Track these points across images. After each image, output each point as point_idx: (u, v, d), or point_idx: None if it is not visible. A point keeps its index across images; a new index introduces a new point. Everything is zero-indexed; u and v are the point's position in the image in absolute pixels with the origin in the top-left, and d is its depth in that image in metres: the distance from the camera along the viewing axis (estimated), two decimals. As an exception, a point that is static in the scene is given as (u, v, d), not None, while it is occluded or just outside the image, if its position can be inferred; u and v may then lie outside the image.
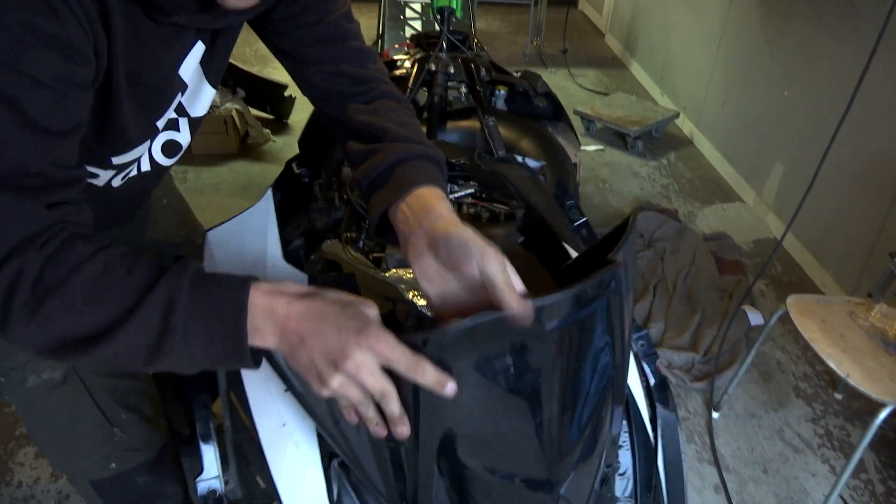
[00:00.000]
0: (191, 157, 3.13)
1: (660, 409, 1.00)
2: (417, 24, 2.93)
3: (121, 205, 1.01)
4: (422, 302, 0.97)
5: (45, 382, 0.98)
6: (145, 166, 0.92)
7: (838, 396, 2.17)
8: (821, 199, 2.54)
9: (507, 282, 0.64)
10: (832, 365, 1.59)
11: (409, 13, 3.06)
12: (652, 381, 1.03)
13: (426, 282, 0.72)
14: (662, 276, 2.60)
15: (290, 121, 3.72)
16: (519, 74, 1.92)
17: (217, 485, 0.86)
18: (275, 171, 1.22)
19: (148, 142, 0.88)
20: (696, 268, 2.65)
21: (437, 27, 2.94)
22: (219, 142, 3.26)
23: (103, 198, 0.90)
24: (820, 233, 2.64)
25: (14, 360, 0.97)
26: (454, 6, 1.76)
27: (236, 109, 3.30)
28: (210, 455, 0.88)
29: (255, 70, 3.92)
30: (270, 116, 3.70)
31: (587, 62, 4.85)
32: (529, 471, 0.73)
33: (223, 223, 1.03)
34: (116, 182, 0.90)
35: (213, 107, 3.32)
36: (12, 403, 1.03)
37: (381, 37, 3.03)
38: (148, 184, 1.01)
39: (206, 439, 0.89)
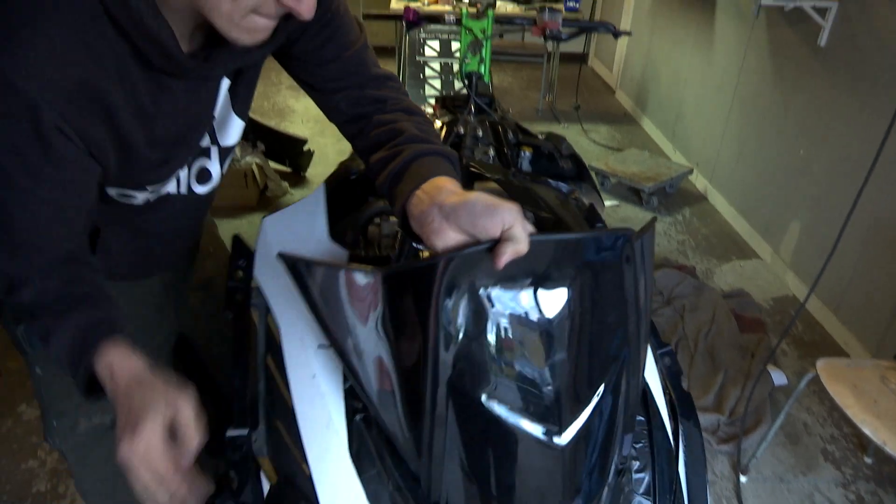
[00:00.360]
0: (211, 210, 3.16)
1: (683, 421, 0.99)
2: (436, 83, 2.98)
3: (160, 238, 1.05)
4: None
5: (94, 427, 1.01)
6: (183, 189, 0.97)
7: (868, 461, 2.12)
8: (841, 256, 2.53)
9: (524, 226, 0.70)
10: (868, 432, 1.57)
11: (428, 72, 3.12)
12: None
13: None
14: (683, 334, 2.58)
15: (307, 174, 3.77)
16: (543, 136, 1.95)
17: (244, 441, 0.88)
18: None
19: (179, 170, 0.94)
20: (717, 326, 2.64)
21: (459, 87, 3.01)
22: (239, 194, 3.30)
23: (141, 223, 0.97)
24: (841, 291, 2.63)
25: (66, 404, 0.99)
26: (482, 71, 1.80)
27: (256, 163, 3.35)
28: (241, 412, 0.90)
29: (272, 123, 4.00)
30: (288, 169, 3.75)
31: (599, 118, 4.93)
32: (534, 415, 0.74)
33: (278, 211, 1.10)
34: (152, 198, 0.94)
35: (234, 160, 3.37)
36: (61, 450, 1.04)
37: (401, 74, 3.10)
38: (186, 214, 1.05)
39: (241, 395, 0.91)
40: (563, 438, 0.75)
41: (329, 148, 4.18)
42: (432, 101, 2.81)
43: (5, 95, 0.67)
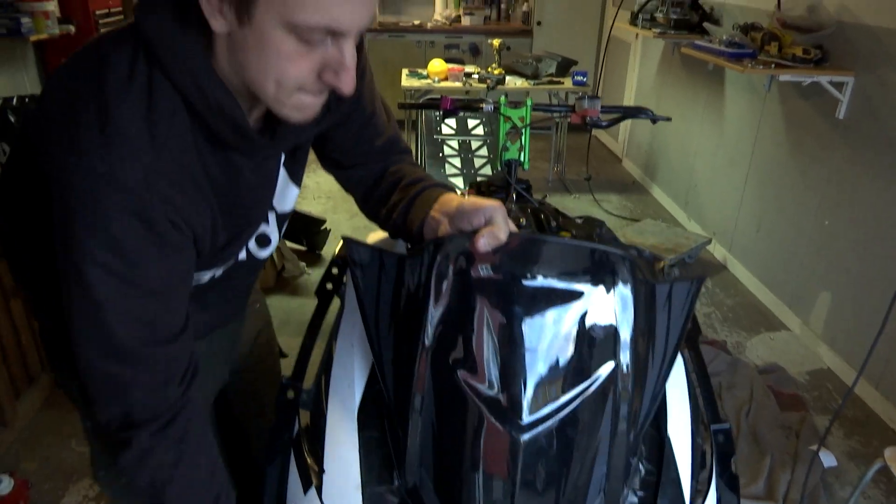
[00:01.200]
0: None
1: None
2: (455, 161, 2.98)
3: (222, 298, 1.12)
4: None
5: None
6: (242, 256, 1.04)
7: (935, 551, 2.01)
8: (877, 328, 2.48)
9: (504, 218, 0.86)
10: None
11: (447, 150, 3.12)
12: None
13: None
14: (723, 414, 2.50)
15: (323, 252, 3.74)
16: (581, 220, 1.92)
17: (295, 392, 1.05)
18: (310, 304, 1.36)
19: (245, 252, 1.03)
20: (756, 404, 2.56)
21: (479, 163, 3.00)
22: (256, 277, 3.25)
23: (206, 290, 1.02)
24: (881, 365, 2.56)
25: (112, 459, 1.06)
26: (522, 159, 1.78)
27: (274, 244, 3.31)
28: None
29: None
30: (304, 248, 3.71)
31: (609, 187, 4.95)
32: (498, 400, 0.81)
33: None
34: (218, 273, 1.02)
35: (250, 242, 3.33)
36: (107, 494, 1.17)
37: (420, 158, 3.08)
38: (246, 276, 1.13)
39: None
40: (523, 433, 0.79)
41: (343, 224, 4.16)
42: (459, 184, 2.79)
43: (116, 193, 0.73)
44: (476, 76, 4.53)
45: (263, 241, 1.05)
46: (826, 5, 2.83)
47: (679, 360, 1.05)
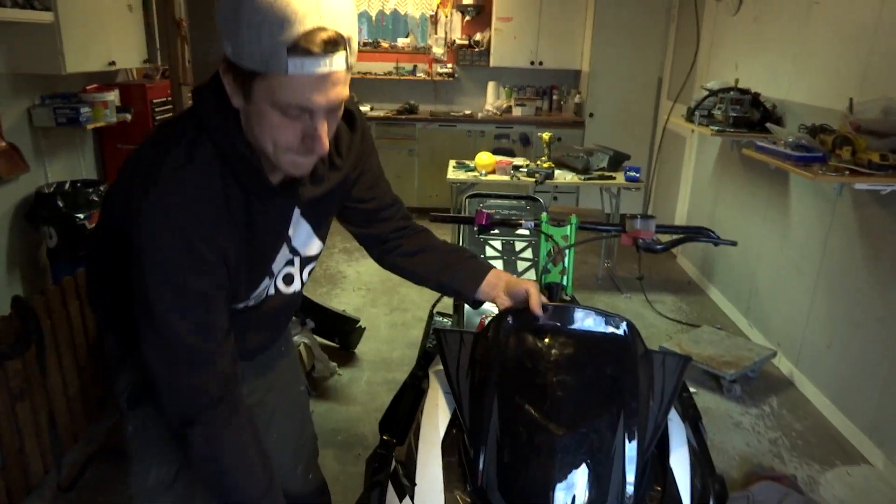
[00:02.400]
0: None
1: None
2: (498, 264, 2.79)
3: (258, 327, 1.35)
4: None
5: (160, 478, 1.30)
6: (272, 291, 1.32)
7: None
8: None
9: (537, 294, 1.36)
10: None
11: (489, 251, 2.95)
12: None
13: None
14: (798, 573, 2.15)
15: (357, 351, 3.57)
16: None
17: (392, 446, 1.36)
18: (338, 409, 1.63)
19: (268, 279, 1.27)
20: (837, 560, 2.20)
21: (521, 267, 2.81)
22: (284, 377, 3.09)
23: (243, 320, 1.27)
24: None
25: (144, 454, 1.31)
26: (564, 283, 1.60)
27: (304, 343, 3.16)
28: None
29: (324, 291, 3.86)
30: (337, 345, 3.56)
31: (662, 286, 4.69)
32: (547, 412, 1.16)
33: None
34: (252, 303, 1.28)
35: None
36: (134, 494, 1.34)
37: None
38: (278, 309, 1.36)
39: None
40: (562, 431, 1.12)
41: (380, 320, 4.00)
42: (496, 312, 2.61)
43: (168, 222, 1.03)
44: (524, 170, 4.42)
45: (289, 279, 1.34)
46: (903, 109, 2.62)
47: (683, 429, 1.31)
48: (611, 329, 1.30)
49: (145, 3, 5.17)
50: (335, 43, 0.96)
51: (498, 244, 2.94)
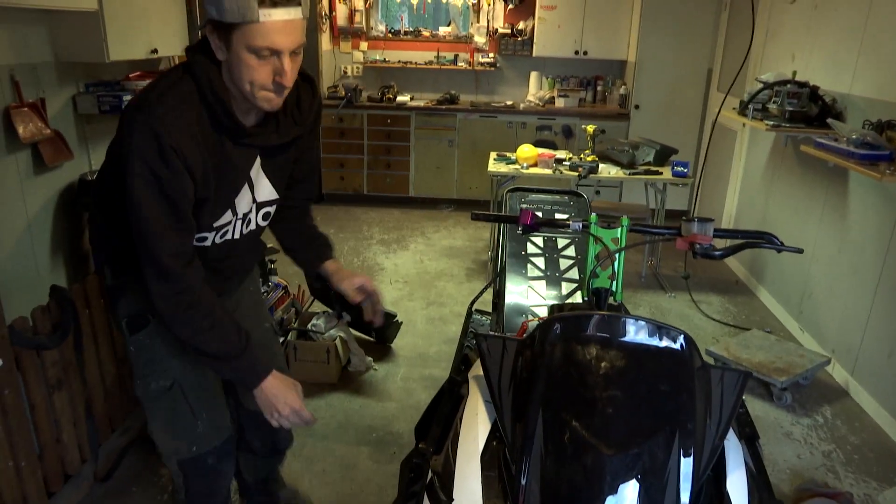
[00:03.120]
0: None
1: None
2: (540, 262, 2.70)
3: (219, 268, 1.66)
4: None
5: (159, 387, 1.64)
6: (237, 235, 1.62)
7: None
8: None
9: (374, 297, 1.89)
10: None
11: (530, 248, 2.86)
12: None
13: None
14: None
15: (394, 345, 3.52)
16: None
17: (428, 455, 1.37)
18: (373, 406, 1.88)
19: (230, 214, 1.55)
20: (897, 586, 2.07)
21: (565, 270, 2.71)
22: (320, 371, 3.06)
23: (217, 257, 1.61)
24: None
25: (146, 370, 1.65)
26: (614, 288, 1.50)
27: (340, 337, 3.13)
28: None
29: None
30: (373, 340, 3.51)
31: (709, 286, 4.53)
32: (596, 429, 1.09)
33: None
34: (217, 240, 1.58)
35: (317, 333, 3.16)
36: (141, 399, 1.69)
37: (499, 273, 2.82)
38: (244, 246, 1.69)
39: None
40: (612, 451, 1.05)
41: (417, 314, 3.95)
42: (540, 309, 2.51)
43: (148, 129, 1.32)
44: (567, 163, 4.31)
45: (248, 222, 1.62)
46: (981, 106, 2.44)
47: (739, 449, 1.24)
48: (666, 342, 1.20)
49: (188, -9, 5.20)
50: None
51: (539, 240, 2.84)
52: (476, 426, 1.27)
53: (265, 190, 1.59)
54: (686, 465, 1.08)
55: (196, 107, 1.37)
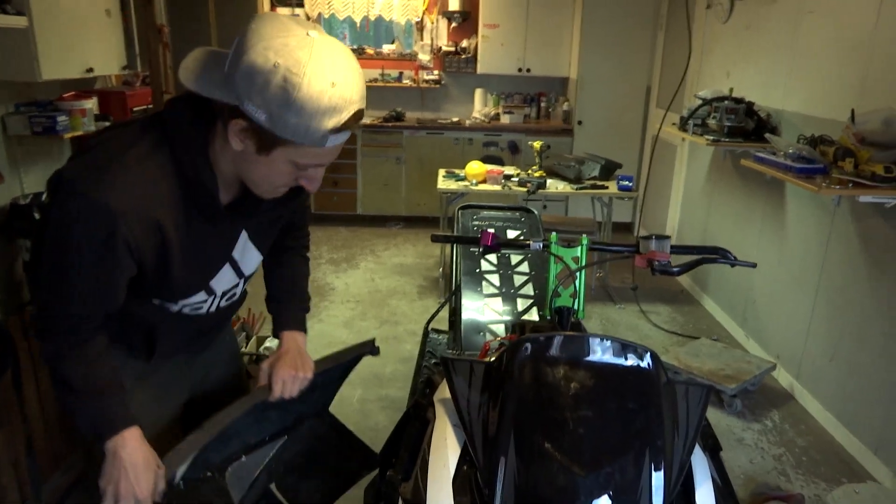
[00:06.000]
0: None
1: None
2: (495, 279, 2.70)
3: (199, 332, 1.47)
4: None
5: None
6: (213, 308, 1.40)
7: None
8: None
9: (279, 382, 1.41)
10: None
11: (485, 265, 2.86)
12: None
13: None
14: None
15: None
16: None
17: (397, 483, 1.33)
18: None
19: (205, 294, 1.33)
20: (850, 585, 2.13)
21: (521, 288, 2.71)
22: (272, 397, 2.97)
23: (185, 323, 1.38)
24: None
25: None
26: (576, 307, 1.51)
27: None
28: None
29: (312, 304, 3.73)
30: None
31: (656, 297, 4.63)
32: (568, 450, 1.10)
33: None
34: (186, 311, 1.35)
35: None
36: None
37: (455, 291, 2.80)
38: (217, 318, 1.46)
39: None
40: (585, 471, 1.06)
41: (371, 334, 3.89)
42: (497, 326, 2.50)
43: (97, 213, 1.06)
44: (516, 179, 4.35)
45: (231, 297, 1.43)
46: (906, 119, 2.57)
47: (705, 461, 1.25)
48: (633, 360, 1.21)
49: (124, 7, 5.04)
50: (361, 118, 1.10)
51: (494, 258, 2.84)
52: (446, 451, 1.24)
53: (253, 261, 1.39)
54: (657, 480, 1.09)
55: (166, 186, 1.12)
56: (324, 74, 1.02)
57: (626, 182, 4.26)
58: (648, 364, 1.20)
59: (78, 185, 1.06)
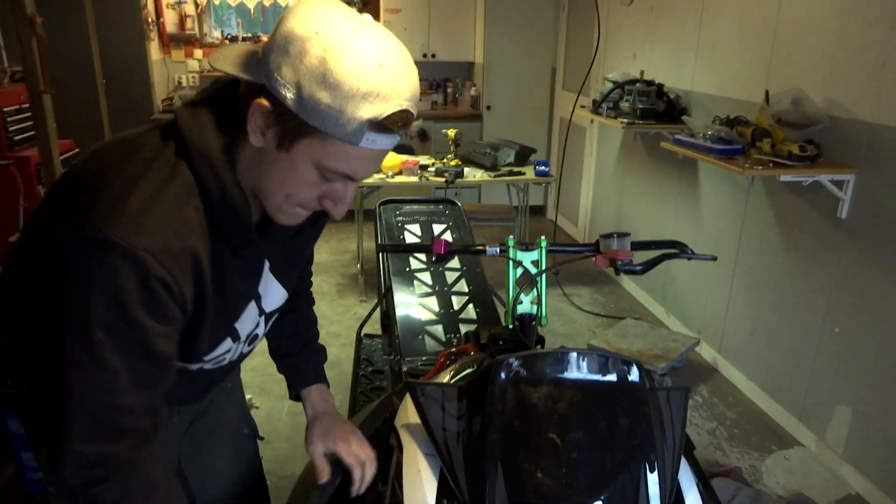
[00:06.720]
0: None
1: None
2: (432, 301, 2.54)
3: (207, 381, 1.22)
4: None
5: None
6: (235, 356, 1.16)
7: None
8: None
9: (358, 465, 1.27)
10: None
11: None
12: None
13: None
14: (763, 574, 2.13)
15: (271, 375, 3.26)
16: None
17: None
18: (262, 449, 1.52)
19: (230, 341, 1.10)
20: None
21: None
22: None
23: (191, 378, 1.12)
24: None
25: None
26: (540, 314, 1.43)
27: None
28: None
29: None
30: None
31: (576, 279, 4.67)
32: (554, 478, 1.03)
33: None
34: (208, 367, 1.13)
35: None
36: None
37: (386, 293, 2.67)
38: (232, 365, 1.21)
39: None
40: (583, 499, 1.01)
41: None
42: (435, 327, 2.39)
43: (134, 261, 0.84)
44: (432, 169, 4.24)
45: (253, 339, 1.19)
46: (813, 99, 2.67)
47: (687, 466, 1.20)
48: (619, 373, 1.14)
49: (-16, -4, 4.51)
50: (409, 124, 0.91)
51: (427, 277, 2.70)
52: (421, 484, 1.16)
53: (276, 297, 1.17)
54: (654, 493, 1.06)
55: (193, 211, 0.92)
56: (370, 52, 0.85)
57: (543, 167, 4.25)
58: (635, 377, 1.13)
59: (104, 233, 0.84)
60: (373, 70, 0.85)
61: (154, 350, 0.90)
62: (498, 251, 1.48)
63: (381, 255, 2.92)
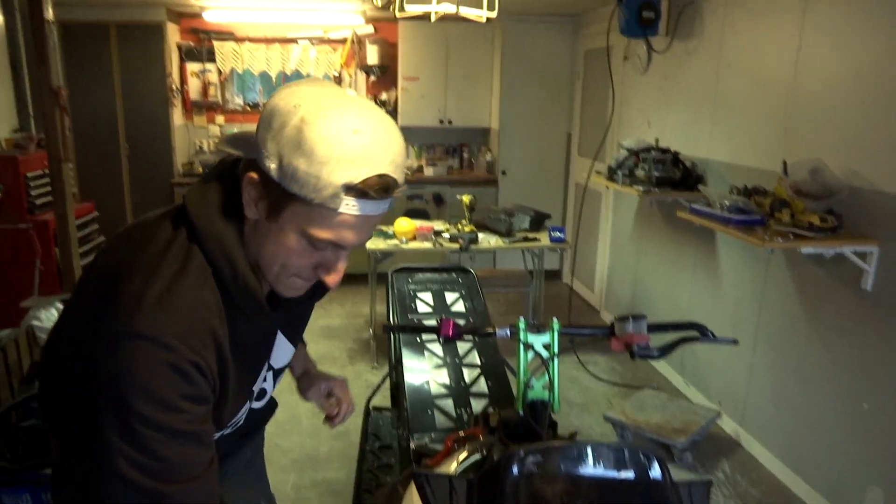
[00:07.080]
0: None
1: None
2: (441, 374, 2.47)
3: (221, 451, 1.13)
4: None
5: None
6: (247, 413, 1.20)
7: None
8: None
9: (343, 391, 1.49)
10: None
11: (428, 357, 2.65)
12: None
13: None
14: None
15: (279, 446, 3.17)
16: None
17: None
18: None
19: (248, 403, 1.17)
20: None
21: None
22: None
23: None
24: None
25: None
26: (551, 399, 1.37)
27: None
28: None
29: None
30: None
31: (592, 346, 4.57)
32: None
33: None
34: (228, 430, 1.17)
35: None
36: None
37: (396, 364, 2.61)
38: (247, 424, 1.22)
39: None
40: None
41: (301, 407, 3.62)
42: (444, 401, 2.33)
43: (167, 349, 0.88)
44: (447, 235, 4.23)
45: (262, 394, 1.21)
46: (832, 169, 2.63)
47: None
48: (640, 468, 1.08)
49: (15, 66, 4.67)
50: (390, 190, 0.92)
51: (438, 349, 2.64)
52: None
53: (285, 353, 1.22)
54: None
55: (209, 292, 0.95)
56: (346, 120, 0.89)
57: (559, 233, 4.23)
58: (657, 473, 1.07)
59: (130, 328, 0.87)
60: (347, 137, 0.88)
61: (197, 432, 0.93)
62: (508, 333, 1.43)
63: (390, 321, 2.88)
